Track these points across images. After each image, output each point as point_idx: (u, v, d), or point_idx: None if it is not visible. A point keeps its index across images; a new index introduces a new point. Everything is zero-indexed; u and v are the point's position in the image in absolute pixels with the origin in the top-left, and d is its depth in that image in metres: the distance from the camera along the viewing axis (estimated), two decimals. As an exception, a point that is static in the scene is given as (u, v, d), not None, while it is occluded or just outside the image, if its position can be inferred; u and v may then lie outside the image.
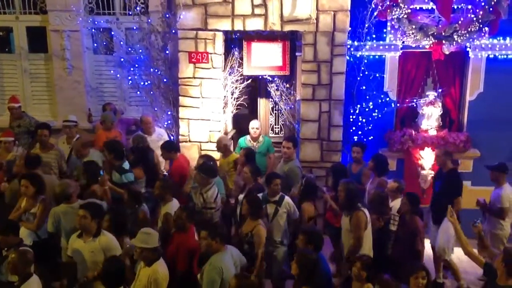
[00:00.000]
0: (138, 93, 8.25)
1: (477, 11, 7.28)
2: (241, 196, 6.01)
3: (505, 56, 7.63)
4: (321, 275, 4.59)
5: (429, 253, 6.59)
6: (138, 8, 7.90)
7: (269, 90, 8.20)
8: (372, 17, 7.41)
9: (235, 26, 7.41)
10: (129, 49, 8.14)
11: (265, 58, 7.86)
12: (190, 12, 7.43)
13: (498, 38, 7.55)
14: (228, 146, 7.25)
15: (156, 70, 7.88)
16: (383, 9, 7.36)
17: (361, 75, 7.66)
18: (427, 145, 7.74)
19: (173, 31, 7.68)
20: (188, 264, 5.09)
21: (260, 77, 8.20)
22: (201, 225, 5.27)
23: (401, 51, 7.72)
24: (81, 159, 6.71)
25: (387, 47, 7.69)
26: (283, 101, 8.13)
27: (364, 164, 6.83)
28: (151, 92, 8.04)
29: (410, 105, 7.93)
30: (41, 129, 6.97)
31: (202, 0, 7.35)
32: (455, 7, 7.38)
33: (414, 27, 7.39)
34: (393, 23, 7.50)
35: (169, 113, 8.00)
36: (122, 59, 8.18)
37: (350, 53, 7.52)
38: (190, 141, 7.79)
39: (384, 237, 5.84)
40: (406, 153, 7.86)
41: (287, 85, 8.10)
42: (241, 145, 7.59)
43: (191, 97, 7.69)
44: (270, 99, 8.49)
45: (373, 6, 7.34)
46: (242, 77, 8.01)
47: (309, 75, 7.46)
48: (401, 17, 7.36)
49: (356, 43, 7.57)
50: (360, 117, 7.76)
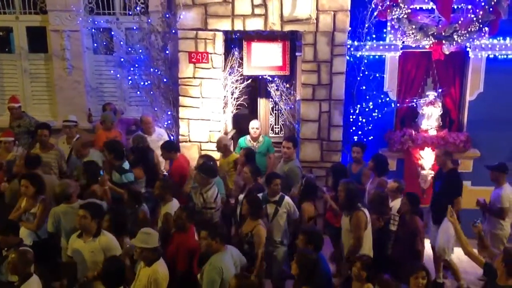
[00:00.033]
0: (138, 93, 8.25)
1: (477, 11, 7.28)
2: (241, 196, 6.01)
3: (505, 56, 7.63)
4: (321, 275, 4.59)
5: (429, 253, 6.59)
6: (138, 8, 7.90)
7: (269, 90, 8.20)
8: (372, 17, 7.41)
9: (235, 26, 7.41)
10: (129, 49, 8.14)
11: (265, 58, 7.86)
12: (190, 12, 7.43)
13: (498, 38, 7.55)
14: (228, 146, 7.25)
15: (156, 70, 7.88)
16: (383, 9, 7.36)
17: (361, 75, 7.66)
18: (427, 145, 7.74)
19: (173, 31, 7.68)
20: (188, 264, 5.09)
21: (260, 77, 8.20)
22: (201, 225, 5.27)
23: (401, 51, 7.72)
24: (81, 159, 6.71)
25: (387, 47, 7.69)
26: (283, 101, 8.13)
27: (364, 164, 6.83)
28: (151, 92, 8.04)
29: (410, 105, 7.93)
30: (41, 129, 6.97)
31: (202, 0, 7.36)
32: (455, 7, 7.38)
33: (414, 27, 7.39)
34: (393, 23, 7.51)
35: (169, 113, 8.00)
36: (122, 59, 8.18)
37: (350, 53, 7.52)
38: (190, 141, 7.79)
39: (384, 237, 5.84)
40: (406, 153, 7.86)
41: (287, 85, 8.10)
42: (241, 145, 7.59)
43: (191, 97, 7.69)
44: (270, 99, 8.48)
45: (373, 6, 7.34)
46: (242, 77, 8.01)
47: (309, 75, 7.46)
48: (401, 17, 7.36)
49: (356, 43, 7.57)
50: (360, 117, 7.76)
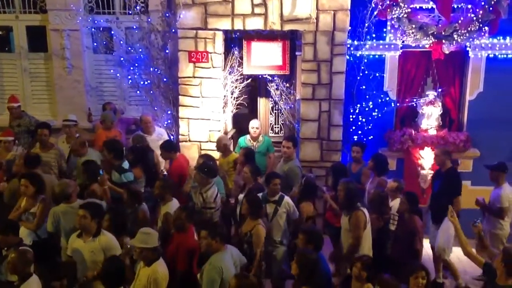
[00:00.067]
0: (138, 92, 8.25)
1: (477, 10, 7.27)
2: (241, 196, 6.00)
3: (505, 56, 7.62)
4: (321, 275, 4.59)
5: (429, 253, 6.59)
6: (138, 8, 7.91)
7: (269, 89, 8.19)
8: (372, 16, 7.41)
9: (235, 25, 7.40)
10: (129, 48, 8.14)
11: (265, 58, 7.85)
12: (190, 12, 7.42)
13: (498, 38, 7.54)
14: (227, 146, 7.25)
15: (156, 70, 7.88)
16: (383, 8, 7.36)
17: (361, 74, 7.66)
18: (427, 144, 7.74)
19: (173, 30, 7.67)
20: (188, 264, 5.09)
21: (260, 76, 8.19)
22: (201, 225, 5.26)
23: (401, 51, 7.72)
24: (79, 157, 6.70)
25: (387, 46, 7.68)
26: (283, 100, 8.12)
27: (364, 163, 6.83)
28: (151, 92, 8.04)
29: (410, 104, 7.92)
30: (41, 129, 6.97)
31: (202, -1, 7.36)
32: (455, 6, 7.38)
33: (414, 26, 7.38)
34: (393, 22, 7.50)
35: (169, 112, 8.00)
36: (122, 59, 8.18)
37: (350, 52, 7.52)
38: (190, 140, 7.79)
39: (383, 236, 5.83)
40: (406, 152, 7.86)
41: (287, 85, 8.09)
42: (241, 145, 7.58)
43: (191, 96, 7.68)
44: (270, 99, 8.48)
45: (373, 6, 7.34)
46: (242, 76, 8.00)
47: (309, 75, 7.46)
48: (401, 16, 7.35)
49: (356, 42, 7.57)
50: (360, 117, 7.75)
